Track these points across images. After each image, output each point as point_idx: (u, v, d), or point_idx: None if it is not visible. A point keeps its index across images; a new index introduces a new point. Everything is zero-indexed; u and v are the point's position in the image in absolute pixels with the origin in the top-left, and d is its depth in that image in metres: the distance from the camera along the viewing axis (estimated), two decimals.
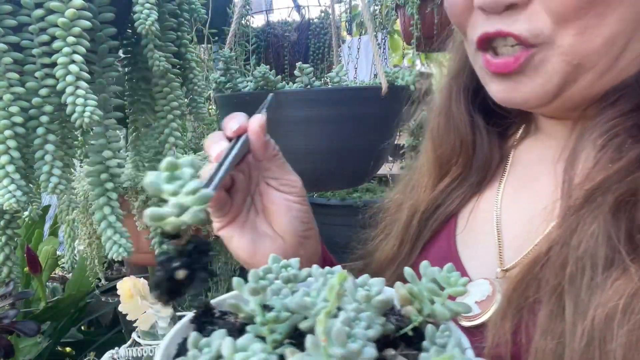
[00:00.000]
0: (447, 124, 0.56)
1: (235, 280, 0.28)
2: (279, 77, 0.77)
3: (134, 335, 0.81)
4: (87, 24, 0.57)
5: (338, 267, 0.29)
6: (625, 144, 0.41)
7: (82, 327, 1.47)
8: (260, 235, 0.51)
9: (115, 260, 0.66)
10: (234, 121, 0.46)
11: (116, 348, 0.81)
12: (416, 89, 0.86)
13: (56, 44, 0.56)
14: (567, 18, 0.39)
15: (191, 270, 0.29)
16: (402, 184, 0.64)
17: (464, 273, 0.49)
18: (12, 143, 0.57)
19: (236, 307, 0.27)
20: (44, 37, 0.57)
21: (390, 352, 0.26)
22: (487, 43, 0.43)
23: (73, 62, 0.55)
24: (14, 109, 0.57)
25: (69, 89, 0.55)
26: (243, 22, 1.50)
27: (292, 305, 0.26)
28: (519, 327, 0.40)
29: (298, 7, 1.78)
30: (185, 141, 1.41)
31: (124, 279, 0.77)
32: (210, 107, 1.38)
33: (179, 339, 0.28)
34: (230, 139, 0.46)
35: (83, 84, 0.56)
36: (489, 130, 0.55)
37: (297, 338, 0.26)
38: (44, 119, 0.59)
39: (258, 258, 0.49)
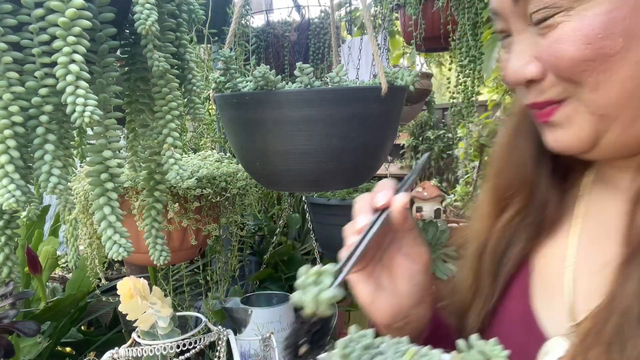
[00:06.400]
0: (509, 156, 0.58)
1: (326, 355, 0.40)
2: (279, 77, 0.77)
3: (134, 335, 0.81)
4: (87, 23, 0.57)
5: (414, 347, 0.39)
6: None
7: (82, 327, 1.47)
8: (382, 288, 0.55)
9: (116, 260, 0.66)
10: (382, 195, 0.51)
11: (116, 348, 0.80)
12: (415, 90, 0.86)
13: (56, 44, 0.56)
14: (577, 79, 0.43)
15: (311, 346, 0.40)
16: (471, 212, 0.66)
17: (540, 334, 0.51)
18: (11, 142, 0.57)
19: None
20: (44, 37, 0.57)
21: None
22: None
23: (73, 61, 0.55)
24: (13, 108, 0.57)
25: (69, 89, 0.55)
26: (243, 22, 1.50)
27: None
28: None
29: (298, 7, 1.78)
30: (184, 141, 1.41)
31: (124, 279, 0.77)
32: (210, 107, 1.38)
33: None
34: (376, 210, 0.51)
35: (83, 83, 0.56)
36: (553, 171, 0.56)
37: None
38: (44, 118, 0.59)
39: (375, 306, 0.54)
